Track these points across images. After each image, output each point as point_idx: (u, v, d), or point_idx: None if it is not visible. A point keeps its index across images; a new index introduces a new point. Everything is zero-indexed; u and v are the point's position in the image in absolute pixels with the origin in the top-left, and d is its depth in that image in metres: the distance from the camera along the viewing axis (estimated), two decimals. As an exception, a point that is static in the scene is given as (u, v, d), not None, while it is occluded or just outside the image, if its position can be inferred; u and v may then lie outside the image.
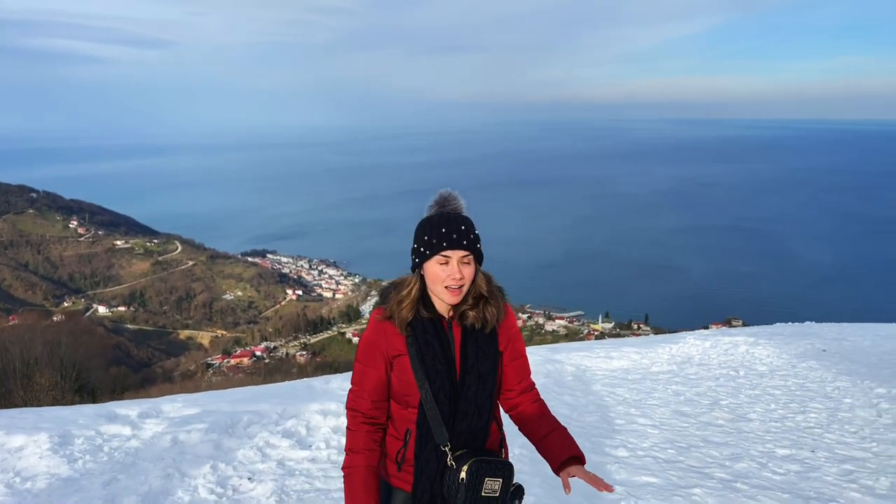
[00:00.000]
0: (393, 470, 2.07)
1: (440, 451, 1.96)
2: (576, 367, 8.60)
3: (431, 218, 2.00)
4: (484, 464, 1.92)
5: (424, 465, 1.97)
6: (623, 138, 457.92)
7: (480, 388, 1.99)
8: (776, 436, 5.58)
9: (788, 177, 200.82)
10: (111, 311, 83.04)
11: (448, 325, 2.03)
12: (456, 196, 2.08)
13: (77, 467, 4.32)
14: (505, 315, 2.10)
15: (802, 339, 10.70)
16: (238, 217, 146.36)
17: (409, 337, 1.99)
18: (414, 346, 1.97)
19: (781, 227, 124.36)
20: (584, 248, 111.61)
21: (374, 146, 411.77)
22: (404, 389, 1.99)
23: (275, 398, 6.27)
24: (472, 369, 1.98)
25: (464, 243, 1.95)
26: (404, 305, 1.99)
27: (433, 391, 1.95)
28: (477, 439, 2.01)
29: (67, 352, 21.91)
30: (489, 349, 2.02)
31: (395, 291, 2.04)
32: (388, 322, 2.01)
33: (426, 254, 1.97)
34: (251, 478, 4.26)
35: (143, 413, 5.65)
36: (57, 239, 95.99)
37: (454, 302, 1.98)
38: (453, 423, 1.97)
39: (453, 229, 1.96)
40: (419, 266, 2.00)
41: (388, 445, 2.10)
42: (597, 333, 64.77)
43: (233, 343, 72.84)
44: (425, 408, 1.96)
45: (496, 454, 2.02)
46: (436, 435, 1.95)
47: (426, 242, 1.97)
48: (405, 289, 2.02)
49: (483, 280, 2.05)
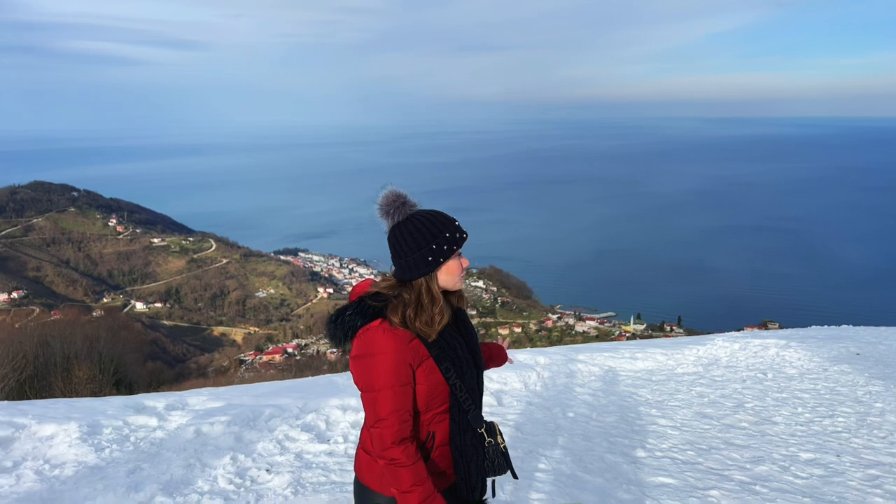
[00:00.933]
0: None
1: (477, 434, 2.01)
2: (599, 368, 8.53)
3: (435, 216, 1.99)
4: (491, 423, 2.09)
5: (472, 454, 1.98)
6: (653, 137, 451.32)
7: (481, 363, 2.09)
8: (801, 439, 5.47)
9: (826, 176, 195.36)
10: (148, 307, 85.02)
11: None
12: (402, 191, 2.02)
13: (104, 456, 4.47)
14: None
15: (836, 343, 10.43)
16: (270, 216, 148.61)
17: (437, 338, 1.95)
18: (444, 347, 1.94)
19: (819, 227, 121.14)
20: (615, 247, 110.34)
21: (402, 146, 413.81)
22: (433, 392, 1.93)
23: (297, 393, 6.38)
24: (476, 349, 2.07)
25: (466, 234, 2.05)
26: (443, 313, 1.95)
27: (468, 386, 1.99)
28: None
29: (106, 346, 22.57)
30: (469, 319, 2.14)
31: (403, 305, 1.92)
32: (403, 331, 1.89)
33: (452, 249, 1.95)
34: (269, 469, 4.35)
35: (170, 405, 5.81)
36: (97, 236, 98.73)
37: (462, 287, 2.06)
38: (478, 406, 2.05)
39: (454, 219, 2.02)
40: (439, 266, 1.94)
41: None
42: (628, 335, 63.97)
43: (265, 340, 73.93)
44: (460, 400, 1.95)
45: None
46: (473, 423, 2.00)
47: (448, 239, 1.94)
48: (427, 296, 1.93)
49: None
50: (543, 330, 69.96)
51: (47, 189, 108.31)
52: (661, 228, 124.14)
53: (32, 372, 18.28)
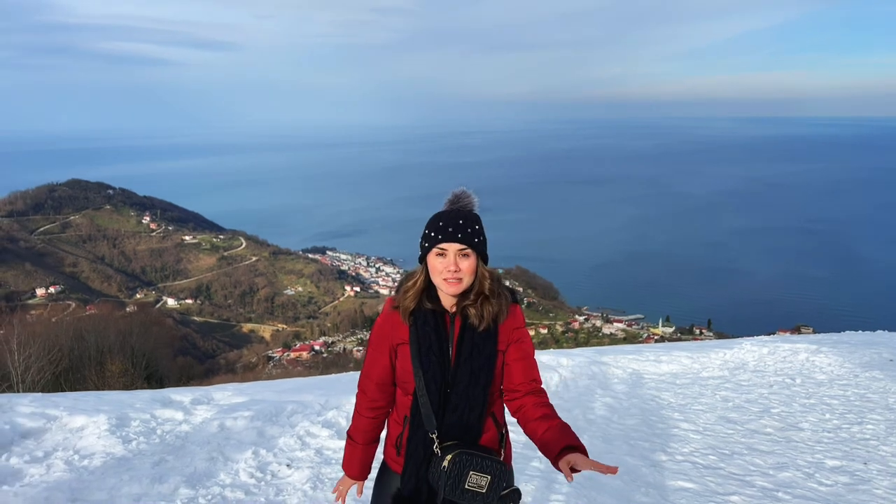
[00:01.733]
0: (392, 454, 2.18)
1: (428, 438, 2.03)
2: (622, 370, 8.46)
3: (436, 214, 2.09)
4: (470, 457, 1.94)
5: (413, 451, 2.06)
6: (684, 137, 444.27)
7: (472, 383, 2.04)
8: (827, 446, 5.35)
9: (864, 177, 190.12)
10: (179, 303, 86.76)
11: (451, 319, 2.09)
12: (468, 194, 2.12)
13: (131, 448, 4.60)
14: (509, 315, 2.11)
15: (869, 348, 10.16)
16: (299, 214, 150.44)
17: (412, 327, 2.07)
18: (414, 336, 2.06)
19: (856, 229, 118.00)
20: (643, 248, 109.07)
21: (430, 145, 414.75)
22: (404, 377, 2.10)
23: (319, 389, 6.47)
24: (465, 364, 2.04)
25: (459, 236, 2.00)
26: (408, 295, 2.08)
27: (425, 380, 2.03)
28: (469, 434, 2.05)
29: (138, 341, 23.12)
30: (486, 347, 2.06)
31: (404, 283, 2.14)
32: (396, 312, 2.11)
33: (426, 246, 2.06)
34: (289, 464, 4.42)
35: (196, 400, 5.94)
36: (131, 233, 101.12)
37: (453, 293, 2.03)
38: (443, 413, 2.04)
39: (451, 223, 2.02)
40: (423, 258, 2.09)
41: (390, 429, 2.22)
42: (656, 338, 63.10)
43: (293, 337, 74.84)
44: (418, 396, 2.05)
45: (492, 452, 2.06)
46: (425, 423, 2.03)
47: (426, 236, 2.06)
48: (411, 280, 2.11)
49: (487, 278, 2.07)
50: (570, 331, 69.41)
51: (84, 187, 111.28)
52: (691, 230, 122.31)
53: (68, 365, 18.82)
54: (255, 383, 7.48)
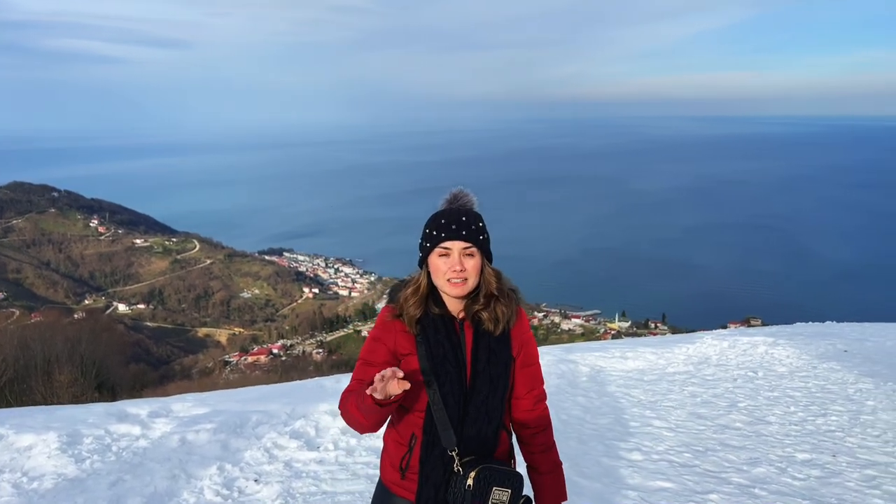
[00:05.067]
0: (395, 477, 1.99)
1: (447, 456, 1.88)
2: (590, 368, 8.47)
3: (435, 213, 1.97)
4: (493, 472, 1.84)
5: (430, 472, 1.89)
6: (639, 136, 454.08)
7: (491, 392, 1.92)
8: (796, 439, 5.43)
9: (810, 174, 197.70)
10: (131, 308, 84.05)
11: (460, 325, 1.97)
12: (466, 193, 2.03)
13: (84, 467, 4.31)
14: (518, 318, 2.02)
15: (823, 340, 10.47)
16: (255, 215, 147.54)
17: (419, 336, 1.92)
18: (424, 346, 1.91)
19: (802, 224, 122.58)
20: (600, 245, 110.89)
21: (390, 144, 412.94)
22: (412, 391, 1.89)
23: (285, 397, 6.24)
24: (484, 372, 1.91)
25: (463, 234, 1.89)
26: (412, 302, 1.94)
27: (442, 393, 1.88)
28: (486, 447, 1.93)
29: (88, 349, 22.16)
30: (502, 353, 1.95)
31: (404, 288, 1.99)
32: (397, 320, 1.96)
33: (428, 247, 1.93)
34: (258, 479, 4.21)
35: (153, 412, 5.64)
36: (78, 237, 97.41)
37: (458, 294, 1.91)
38: (462, 427, 1.89)
39: (453, 220, 1.91)
40: (424, 261, 1.97)
41: (391, 450, 2.03)
42: (613, 332, 64.24)
43: (250, 341, 73.35)
44: (433, 410, 1.88)
45: (506, 463, 1.95)
46: (443, 439, 1.88)
47: (427, 235, 1.94)
48: (413, 285, 1.97)
49: (493, 277, 1.97)
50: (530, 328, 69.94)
51: (27, 190, 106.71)
52: (646, 226, 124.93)
53: (12, 376, 17.89)
54: (216, 393, 7.18)
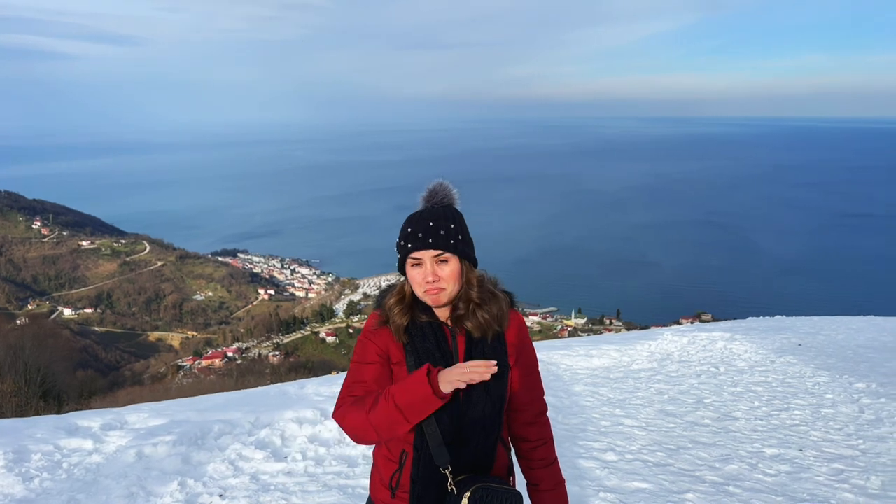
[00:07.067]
0: (385, 496, 1.85)
1: (440, 474, 1.74)
2: (556, 367, 8.47)
3: (409, 217, 1.82)
4: (489, 491, 1.70)
5: (422, 491, 1.75)
6: (593, 136, 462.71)
7: (488, 404, 1.78)
8: (763, 435, 5.50)
9: (757, 173, 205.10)
10: (77, 313, 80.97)
11: (452, 333, 1.82)
12: (445, 187, 1.86)
13: (33, 486, 4.02)
14: (511, 323, 1.88)
15: (777, 334, 10.75)
16: (208, 216, 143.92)
17: (408, 345, 1.79)
18: (413, 356, 1.77)
19: (749, 221, 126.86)
20: (557, 243, 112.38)
21: (347, 144, 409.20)
22: None
23: (247, 406, 5.99)
24: (479, 383, 1.74)
25: (430, 242, 1.74)
26: (397, 311, 1.80)
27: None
28: (483, 463, 1.79)
29: (32, 356, 21.14)
30: (498, 361, 1.78)
31: (389, 295, 1.86)
32: (384, 328, 1.83)
33: (400, 257, 1.81)
34: (222, 494, 4.00)
35: (107, 425, 5.33)
36: (19, 240, 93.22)
37: (437, 304, 1.78)
38: (456, 443, 1.75)
39: (420, 228, 1.76)
40: (402, 269, 1.82)
41: (381, 468, 1.88)
42: (570, 329, 65.17)
43: (204, 344, 71.54)
44: (424, 425, 1.72)
45: (503, 481, 1.79)
46: (435, 456, 1.73)
47: (398, 245, 1.80)
48: (396, 294, 1.84)
49: (475, 284, 1.83)
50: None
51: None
52: (601, 225, 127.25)
53: (-51, 387, 16.93)
54: (173, 402, 6.86)
